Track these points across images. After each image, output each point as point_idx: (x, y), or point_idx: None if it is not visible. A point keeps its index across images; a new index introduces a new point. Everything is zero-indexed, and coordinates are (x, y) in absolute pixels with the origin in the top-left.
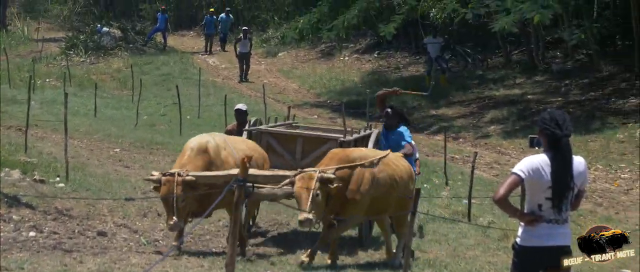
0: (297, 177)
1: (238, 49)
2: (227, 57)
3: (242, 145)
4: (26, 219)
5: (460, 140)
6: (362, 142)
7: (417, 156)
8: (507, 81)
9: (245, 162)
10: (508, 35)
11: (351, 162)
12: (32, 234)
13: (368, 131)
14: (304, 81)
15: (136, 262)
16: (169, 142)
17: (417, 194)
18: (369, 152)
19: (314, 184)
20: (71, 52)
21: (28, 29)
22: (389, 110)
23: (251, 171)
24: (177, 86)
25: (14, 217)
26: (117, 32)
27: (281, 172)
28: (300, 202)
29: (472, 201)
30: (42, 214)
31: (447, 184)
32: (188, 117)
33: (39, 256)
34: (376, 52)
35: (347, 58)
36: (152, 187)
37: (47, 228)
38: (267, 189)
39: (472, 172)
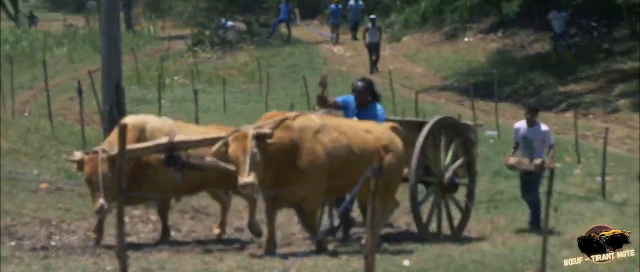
0: (231, 137)
1: (367, 39)
2: (353, 46)
3: (199, 131)
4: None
5: (590, 116)
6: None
7: (552, 141)
8: (634, 53)
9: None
10: (634, 6)
11: (290, 128)
12: (172, 233)
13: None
14: (429, 65)
15: (277, 259)
16: None
17: (551, 174)
18: (319, 118)
19: (249, 143)
20: (197, 48)
21: (154, 28)
22: (359, 84)
23: (180, 137)
24: (304, 77)
25: (152, 217)
26: (242, 26)
27: (214, 134)
28: (238, 166)
29: (606, 178)
30: (179, 213)
31: (579, 161)
32: (316, 107)
33: (179, 255)
34: (500, 31)
35: (471, 39)
36: (74, 168)
37: (185, 227)
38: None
39: (605, 148)
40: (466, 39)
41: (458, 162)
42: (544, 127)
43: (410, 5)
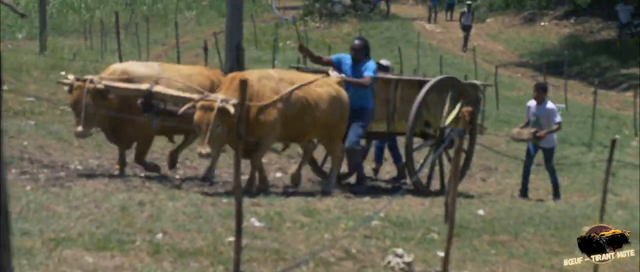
0: (198, 104)
1: (462, 21)
2: (445, 24)
3: (180, 73)
4: (273, 162)
5: None
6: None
7: (558, 119)
8: None
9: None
10: None
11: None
12: (278, 175)
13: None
14: (509, 44)
15: (367, 200)
16: None
17: (612, 144)
18: (274, 73)
19: (213, 115)
20: (308, 18)
21: None
22: (356, 42)
23: (158, 88)
24: (399, 48)
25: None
26: (347, 1)
27: (188, 95)
28: (199, 135)
29: None
30: (286, 157)
31: (636, 134)
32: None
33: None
34: (573, 18)
35: (547, 23)
36: (66, 90)
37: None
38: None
39: None
40: (542, 24)
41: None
42: (550, 105)
43: None
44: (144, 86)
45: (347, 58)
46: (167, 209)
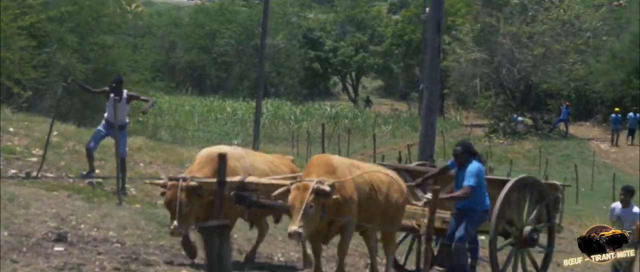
0: (293, 186)
1: None
2: (621, 146)
3: (263, 158)
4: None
5: None
6: None
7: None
8: None
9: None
10: None
11: (334, 167)
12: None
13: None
14: None
15: None
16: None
17: None
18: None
19: (307, 195)
20: (492, 135)
21: (460, 117)
22: (458, 148)
23: (251, 179)
24: (575, 165)
25: None
26: (529, 121)
27: (281, 181)
28: (292, 214)
29: None
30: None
31: None
32: (583, 189)
33: None
34: None
35: None
36: (160, 193)
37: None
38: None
39: None
40: None
41: (540, 224)
42: (636, 209)
43: None
44: (237, 178)
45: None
46: None
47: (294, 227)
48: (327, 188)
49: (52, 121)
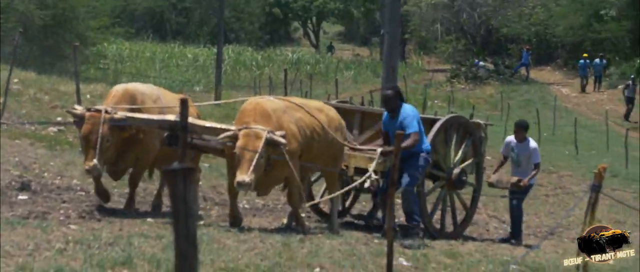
0: (242, 132)
1: (625, 94)
2: (590, 94)
3: (172, 97)
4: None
5: None
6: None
7: (538, 159)
8: None
9: (186, 101)
10: None
11: (268, 113)
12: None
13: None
14: None
15: (505, 246)
16: None
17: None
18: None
19: (260, 144)
20: (454, 80)
21: (421, 62)
22: (388, 92)
23: (189, 120)
24: (536, 109)
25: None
26: (490, 66)
27: (224, 125)
28: (242, 163)
29: None
30: None
31: None
32: (545, 134)
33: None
34: None
35: None
36: (72, 121)
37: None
38: (203, 141)
39: None
40: None
41: (468, 162)
42: (532, 144)
43: (626, 61)
44: (170, 117)
45: (386, 115)
46: (324, 246)
47: (244, 176)
48: (282, 139)
49: (10, 68)
